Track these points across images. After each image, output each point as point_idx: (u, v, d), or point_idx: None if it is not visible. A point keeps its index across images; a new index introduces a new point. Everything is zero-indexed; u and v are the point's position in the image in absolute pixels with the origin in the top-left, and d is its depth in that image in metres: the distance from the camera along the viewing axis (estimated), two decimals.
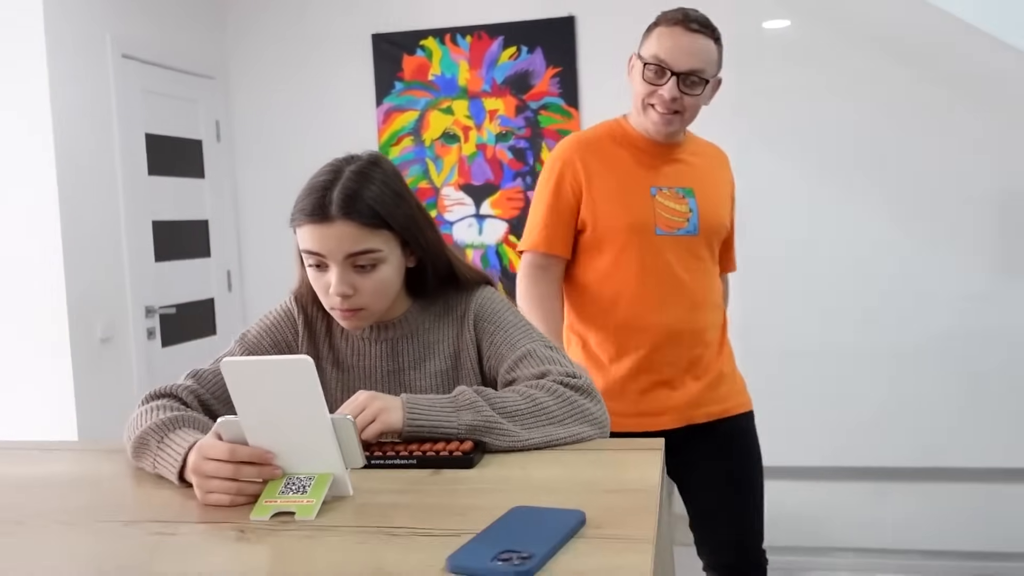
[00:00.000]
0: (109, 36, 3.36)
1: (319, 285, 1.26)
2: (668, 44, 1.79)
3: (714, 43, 1.81)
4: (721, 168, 2.01)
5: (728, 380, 1.98)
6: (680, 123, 1.86)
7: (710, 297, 1.94)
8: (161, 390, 1.28)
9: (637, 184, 1.88)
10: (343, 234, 1.20)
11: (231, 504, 1.00)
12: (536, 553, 0.81)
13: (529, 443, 1.16)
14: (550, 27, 3.77)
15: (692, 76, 1.78)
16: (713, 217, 1.92)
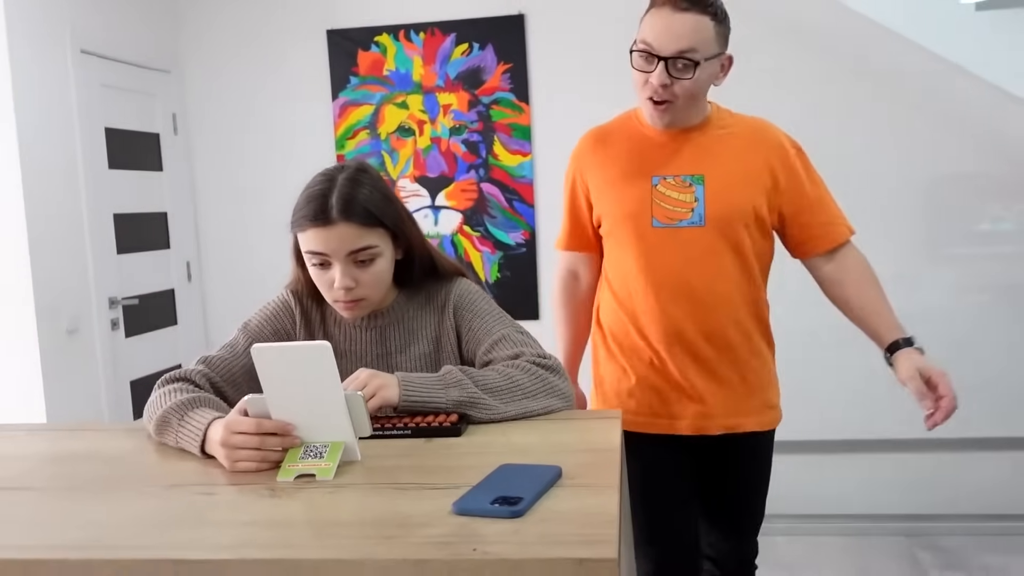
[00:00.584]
0: (69, 32, 3.40)
1: (323, 281, 1.41)
2: (655, 27, 1.64)
3: (710, 19, 1.64)
4: (756, 144, 1.78)
5: (754, 392, 1.81)
6: (676, 111, 1.71)
7: (729, 295, 1.76)
8: (176, 375, 1.41)
9: (637, 174, 1.76)
10: (344, 234, 1.36)
11: (256, 470, 1.15)
12: (525, 498, 0.98)
13: (507, 415, 1.33)
14: (501, 24, 3.92)
15: (681, 59, 1.63)
16: (726, 205, 1.73)
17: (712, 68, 1.69)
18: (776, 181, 1.76)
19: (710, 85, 1.73)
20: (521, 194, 3.99)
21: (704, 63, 1.65)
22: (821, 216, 1.80)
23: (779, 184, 1.76)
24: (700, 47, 1.63)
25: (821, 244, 1.81)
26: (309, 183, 1.43)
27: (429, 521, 0.95)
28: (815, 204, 1.79)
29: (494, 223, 4.02)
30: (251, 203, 4.18)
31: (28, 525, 1.02)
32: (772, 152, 1.77)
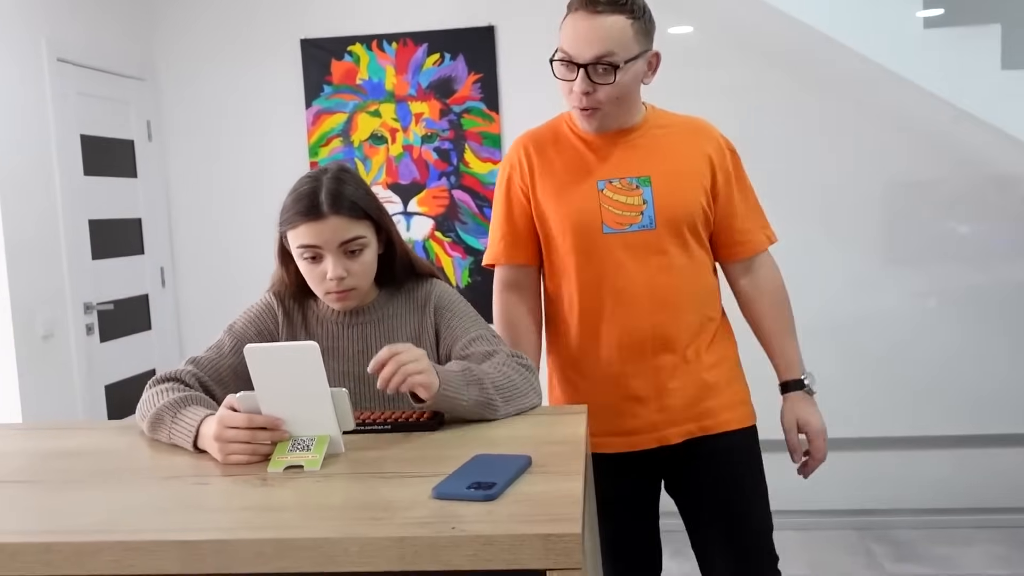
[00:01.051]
0: (44, 40, 3.45)
1: (314, 275, 1.50)
2: (571, 34, 1.60)
3: (627, 17, 1.59)
4: (696, 142, 1.75)
5: (715, 392, 1.74)
6: (604, 116, 1.67)
7: (684, 297, 1.72)
8: (167, 374, 1.49)
9: (582, 179, 1.71)
10: (335, 226, 1.46)
11: (247, 462, 1.24)
12: (498, 483, 1.08)
13: (507, 414, 1.43)
14: (472, 36, 4.03)
15: (600, 64, 1.59)
16: (675, 205, 1.69)
17: (636, 68, 1.64)
18: (714, 179, 1.74)
19: (638, 85, 1.69)
20: (491, 201, 4.08)
21: (625, 65, 1.60)
22: (745, 222, 1.78)
23: (716, 183, 1.74)
24: (619, 49, 1.59)
25: (740, 251, 1.79)
26: (295, 185, 1.52)
27: (411, 505, 1.05)
28: (741, 209, 1.77)
29: (465, 229, 4.12)
30: (225, 209, 4.24)
31: (40, 513, 1.11)
32: (712, 150, 1.75)
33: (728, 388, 1.77)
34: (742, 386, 1.82)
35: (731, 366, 1.81)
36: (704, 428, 1.74)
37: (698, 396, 1.73)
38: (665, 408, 1.72)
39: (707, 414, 1.74)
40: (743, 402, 1.80)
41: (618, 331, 1.71)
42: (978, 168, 3.71)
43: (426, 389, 1.32)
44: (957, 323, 3.73)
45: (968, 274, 3.76)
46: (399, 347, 1.33)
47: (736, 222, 1.77)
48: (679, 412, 1.73)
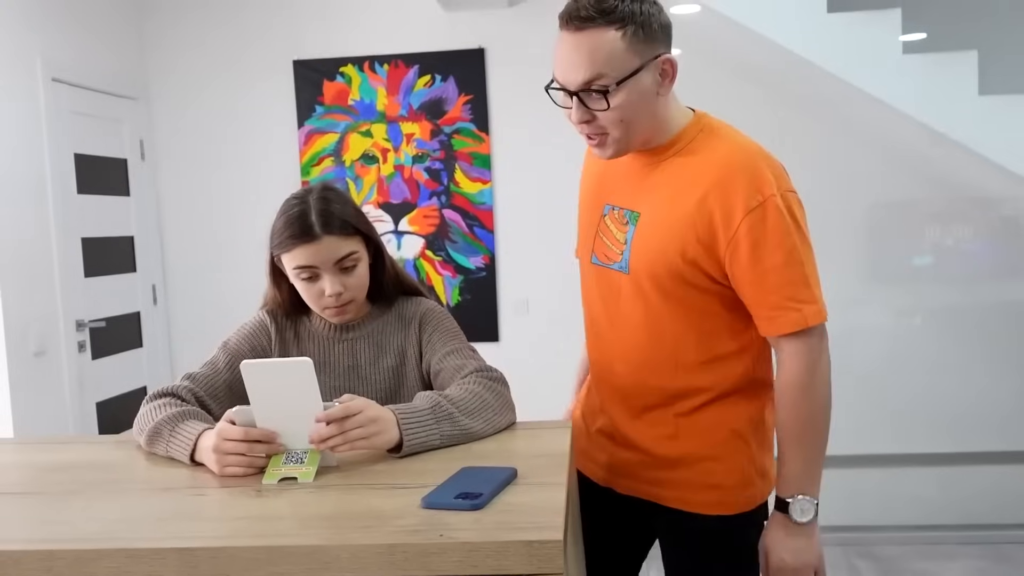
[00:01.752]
0: (39, 60, 3.50)
1: (312, 294, 1.55)
2: (558, 57, 1.40)
3: (616, 29, 1.34)
4: (705, 184, 1.42)
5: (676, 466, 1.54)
6: (616, 143, 1.44)
7: (652, 355, 1.51)
8: (164, 390, 1.53)
9: (596, 198, 1.59)
10: (329, 246, 1.51)
11: (243, 475, 1.28)
12: (484, 493, 1.13)
13: (484, 435, 1.44)
14: (462, 58, 4.10)
15: (589, 90, 1.37)
16: (646, 258, 1.46)
17: (639, 85, 1.38)
18: (714, 236, 1.41)
19: (651, 100, 1.42)
20: (481, 220, 4.15)
21: (617, 87, 1.36)
22: (758, 296, 1.43)
23: (718, 241, 1.41)
24: (608, 69, 1.35)
25: (761, 327, 1.47)
26: (283, 207, 1.57)
27: (400, 514, 1.09)
28: (749, 278, 1.42)
29: (455, 248, 4.18)
30: (216, 228, 4.29)
31: (42, 522, 1.15)
32: (720, 201, 1.40)
33: (698, 466, 1.53)
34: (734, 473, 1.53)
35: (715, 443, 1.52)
36: (657, 496, 1.56)
37: (650, 463, 1.56)
38: (615, 455, 1.61)
39: (660, 484, 1.56)
40: (716, 487, 1.53)
41: (593, 362, 1.67)
42: (957, 190, 3.80)
43: (374, 450, 1.31)
44: (939, 341, 3.80)
45: (950, 293, 3.84)
46: (356, 406, 1.29)
47: (745, 293, 1.44)
48: (629, 469, 1.59)
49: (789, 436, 1.47)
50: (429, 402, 1.41)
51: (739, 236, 1.39)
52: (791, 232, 1.41)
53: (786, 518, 1.45)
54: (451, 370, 1.57)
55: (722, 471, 1.53)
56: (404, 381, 1.64)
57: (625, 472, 1.60)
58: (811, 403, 1.47)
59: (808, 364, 1.45)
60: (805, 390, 1.45)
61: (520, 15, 4.05)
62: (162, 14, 4.25)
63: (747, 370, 1.53)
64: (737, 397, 1.53)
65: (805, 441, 1.47)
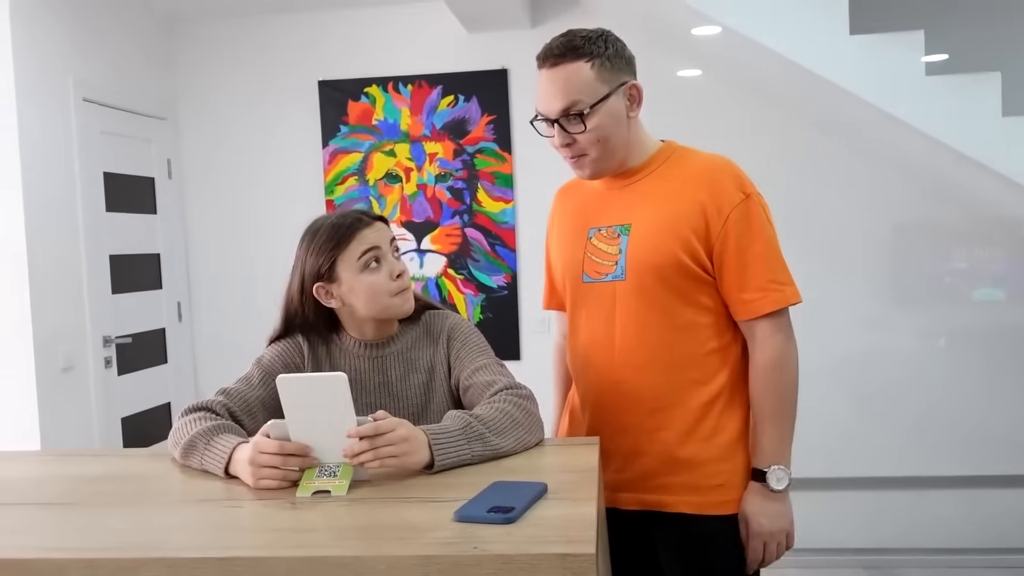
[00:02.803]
0: (72, 81, 3.57)
1: (378, 280, 1.60)
2: (538, 91, 1.62)
3: (586, 61, 1.56)
4: (695, 187, 1.60)
5: (687, 466, 1.61)
6: (594, 162, 1.63)
7: (653, 355, 1.61)
8: (199, 404, 1.56)
9: (579, 227, 1.72)
10: (383, 228, 1.63)
11: (278, 487, 1.30)
12: (516, 507, 1.14)
13: (513, 452, 1.45)
14: (485, 78, 4.14)
15: (567, 116, 1.57)
16: (645, 256, 1.60)
17: (610, 108, 1.58)
18: (708, 228, 1.58)
19: (622, 122, 1.61)
20: (503, 239, 4.17)
21: (591, 110, 1.55)
22: (739, 280, 1.59)
23: (711, 233, 1.58)
24: (581, 96, 1.55)
25: (736, 312, 1.62)
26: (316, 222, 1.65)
27: (434, 527, 1.11)
28: (733, 264, 1.58)
29: (477, 267, 4.20)
30: (241, 246, 4.34)
31: (84, 532, 1.17)
32: (709, 197, 1.58)
33: (704, 467, 1.61)
34: (730, 468, 1.63)
35: (718, 443, 1.62)
36: (661, 504, 1.63)
37: (659, 469, 1.62)
38: (622, 470, 1.65)
39: (667, 489, 1.62)
40: (720, 486, 1.62)
41: (588, 386, 1.70)
42: (980, 211, 3.79)
43: (404, 469, 1.33)
44: (964, 363, 3.77)
45: (974, 315, 3.82)
46: (388, 425, 1.31)
47: (728, 278, 1.59)
48: (636, 480, 1.64)
49: (766, 412, 1.61)
50: (460, 423, 1.41)
51: (728, 226, 1.58)
52: (768, 224, 1.62)
53: (764, 487, 1.60)
54: (480, 386, 1.58)
55: (728, 471, 1.63)
56: (433, 396, 1.66)
57: (631, 486, 1.65)
58: (786, 380, 1.62)
59: (783, 342, 1.62)
60: (781, 368, 1.61)
61: (543, 36, 4.00)
62: (190, 36, 4.33)
63: (738, 366, 1.66)
64: (736, 397, 1.65)
65: (780, 415, 1.62)
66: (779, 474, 1.60)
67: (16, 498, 1.34)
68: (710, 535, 1.62)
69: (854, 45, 3.24)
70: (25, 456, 1.64)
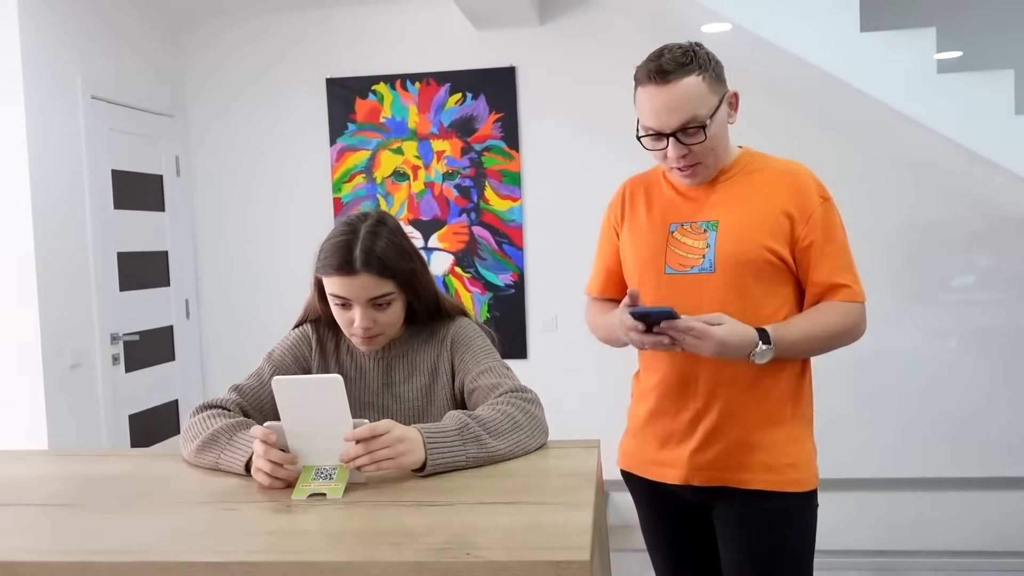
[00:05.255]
0: (80, 79, 3.58)
1: (344, 320, 1.57)
2: (648, 107, 1.65)
3: (696, 75, 1.63)
4: (778, 187, 1.73)
5: (759, 447, 1.71)
6: (704, 170, 1.72)
7: None
8: (211, 402, 1.56)
9: (658, 222, 1.78)
10: (365, 283, 1.52)
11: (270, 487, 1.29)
12: None
13: (512, 456, 1.43)
14: (493, 76, 4.13)
15: (686, 129, 1.64)
16: (735, 249, 1.69)
17: (720, 116, 1.68)
18: (794, 228, 1.70)
19: (726, 128, 1.73)
20: (511, 237, 4.16)
21: (711, 120, 1.64)
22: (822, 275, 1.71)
23: (796, 232, 1.70)
24: (700, 108, 1.63)
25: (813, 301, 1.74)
26: (332, 232, 1.58)
27: (429, 532, 1.10)
28: (817, 260, 1.70)
29: (484, 265, 4.19)
30: (249, 243, 4.34)
31: (78, 534, 1.17)
32: (791, 197, 1.71)
33: (776, 449, 1.71)
34: (801, 451, 1.73)
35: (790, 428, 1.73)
36: (737, 481, 1.71)
37: (736, 449, 1.71)
38: (699, 449, 1.72)
39: (743, 468, 1.71)
40: (792, 465, 1.71)
41: (666, 369, 1.76)
42: (993, 210, 3.75)
43: (400, 470, 1.32)
44: (976, 364, 3.74)
45: (986, 315, 3.78)
46: (383, 426, 1.30)
47: (813, 274, 1.71)
48: (712, 460, 1.72)
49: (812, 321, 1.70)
50: (457, 423, 1.40)
51: (816, 221, 1.70)
52: (842, 227, 1.77)
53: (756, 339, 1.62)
54: (486, 389, 1.57)
55: (798, 451, 1.73)
56: (434, 399, 1.65)
57: (708, 465, 1.73)
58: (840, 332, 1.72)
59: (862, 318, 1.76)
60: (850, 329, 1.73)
61: (551, 34, 4.07)
62: (199, 34, 4.34)
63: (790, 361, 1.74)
64: (807, 380, 1.78)
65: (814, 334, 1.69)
66: (767, 354, 1.63)
67: (15, 499, 1.34)
68: (781, 511, 1.71)
69: (865, 42, 3.21)
70: (27, 455, 1.64)
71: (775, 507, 1.71)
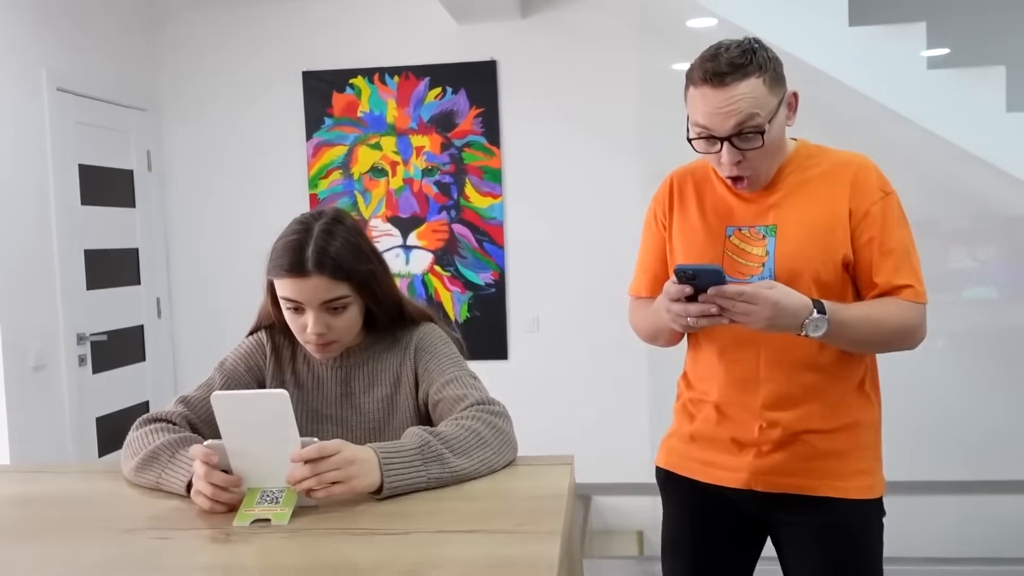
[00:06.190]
0: (44, 70, 3.45)
1: (296, 325, 1.46)
2: (704, 109, 1.52)
3: (756, 76, 1.50)
4: (837, 187, 1.61)
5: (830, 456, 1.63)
6: (758, 178, 1.60)
7: (805, 353, 1.59)
8: (155, 415, 1.45)
9: (713, 223, 1.66)
10: (317, 286, 1.41)
11: (211, 511, 1.19)
12: None
13: (478, 475, 1.34)
14: (474, 70, 4.02)
15: (744, 133, 1.51)
16: (795, 260, 1.57)
17: (780, 119, 1.56)
18: (853, 224, 1.59)
19: (784, 130, 1.61)
20: (491, 235, 4.06)
21: (770, 125, 1.52)
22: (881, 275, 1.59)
23: (855, 229, 1.59)
24: (760, 110, 1.50)
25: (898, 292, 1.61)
26: (285, 231, 1.47)
27: (377, 567, 1.00)
28: (876, 259, 1.59)
29: (464, 263, 4.09)
30: (223, 240, 4.22)
31: None
32: (851, 193, 1.59)
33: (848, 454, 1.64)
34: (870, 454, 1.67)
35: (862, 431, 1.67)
36: (805, 488, 1.63)
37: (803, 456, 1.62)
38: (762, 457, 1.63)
39: (811, 474, 1.63)
40: (863, 472, 1.64)
41: (730, 379, 1.65)
42: (982, 208, 3.67)
43: (353, 494, 1.22)
44: (962, 365, 3.67)
45: (973, 315, 3.71)
46: (332, 447, 1.20)
47: (874, 275, 1.60)
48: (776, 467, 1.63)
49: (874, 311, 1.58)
50: (417, 441, 1.30)
51: (873, 216, 1.59)
52: (905, 224, 1.65)
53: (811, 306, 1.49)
54: (450, 401, 1.47)
55: (869, 457, 1.66)
56: (395, 411, 1.55)
57: (775, 469, 1.63)
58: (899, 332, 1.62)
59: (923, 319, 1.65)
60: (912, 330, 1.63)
61: (533, 27, 3.97)
62: (172, 24, 4.21)
63: (872, 359, 1.71)
64: (873, 388, 1.72)
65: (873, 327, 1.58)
66: (822, 326, 1.49)
67: None
68: (854, 519, 1.63)
69: (853, 37, 3.13)
70: None
71: (847, 515, 1.62)
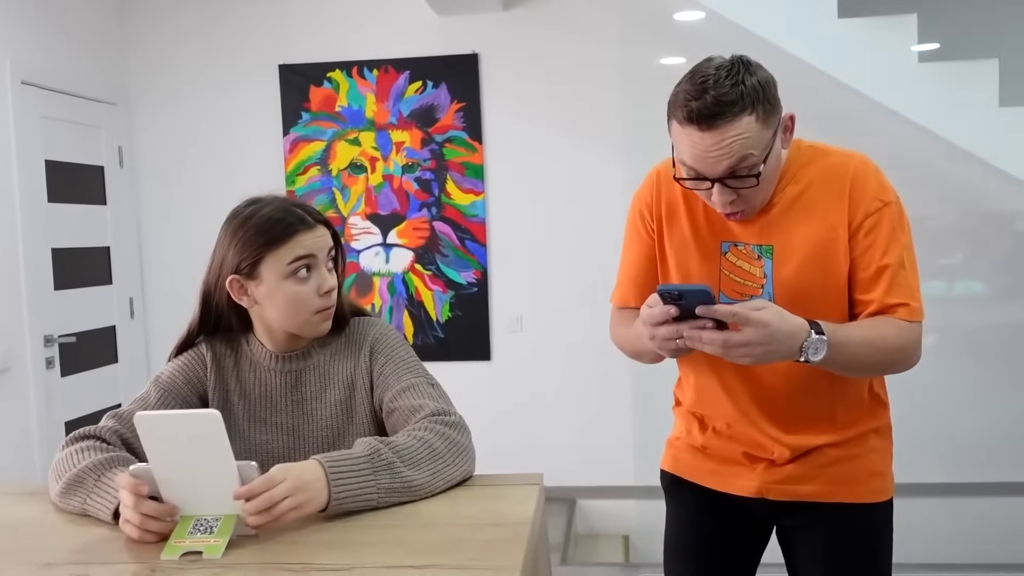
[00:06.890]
0: (8, 63, 3.33)
1: (303, 292, 1.39)
2: (691, 151, 1.38)
3: (749, 113, 1.35)
4: (829, 196, 1.48)
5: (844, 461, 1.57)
6: (754, 208, 1.47)
7: (811, 372, 1.47)
8: (85, 432, 1.35)
9: (707, 235, 1.53)
10: (323, 235, 1.42)
11: (140, 541, 1.09)
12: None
13: (434, 491, 1.26)
14: (455, 63, 3.92)
15: (737, 175, 1.38)
16: (793, 284, 1.47)
17: (776, 150, 1.42)
18: (849, 236, 1.48)
19: (780, 159, 1.48)
20: (473, 233, 3.96)
21: (763, 164, 1.38)
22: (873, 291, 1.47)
23: (850, 240, 1.47)
24: (753, 149, 1.36)
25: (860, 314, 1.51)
26: (248, 213, 1.43)
27: None
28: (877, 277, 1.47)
29: (446, 262, 3.99)
30: (199, 238, 4.08)
31: None
32: (850, 207, 1.47)
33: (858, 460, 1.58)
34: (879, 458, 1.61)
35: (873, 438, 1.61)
36: (816, 495, 1.57)
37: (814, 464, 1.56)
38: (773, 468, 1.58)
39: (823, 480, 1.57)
40: (875, 475, 1.59)
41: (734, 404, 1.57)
42: (974, 205, 3.60)
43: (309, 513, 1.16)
44: (953, 364, 3.59)
45: (964, 313, 3.64)
46: (279, 475, 1.12)
47: (871, 290, 1.47)
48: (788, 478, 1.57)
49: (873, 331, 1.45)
50: (367, 448, 1.22)
51: (868, 228, 1.46)
52: (905, 233, 1.51)
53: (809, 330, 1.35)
54: (406, 411, 1.38)
55: (882, 460, 1.61)
56: (353, 416, 1.45)
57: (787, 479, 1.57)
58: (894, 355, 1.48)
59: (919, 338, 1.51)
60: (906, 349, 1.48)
61: (515, 20, 3.87)
62: (143, 14, 4.09)
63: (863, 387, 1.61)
64: (881, 395, 1.64)
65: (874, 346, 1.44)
66: (821, 347, 1.35)
67: None
68: (865, 522, 1.59)
69: (843, 29, 3.04)
70: None
71: (859, 518, 1.58)
